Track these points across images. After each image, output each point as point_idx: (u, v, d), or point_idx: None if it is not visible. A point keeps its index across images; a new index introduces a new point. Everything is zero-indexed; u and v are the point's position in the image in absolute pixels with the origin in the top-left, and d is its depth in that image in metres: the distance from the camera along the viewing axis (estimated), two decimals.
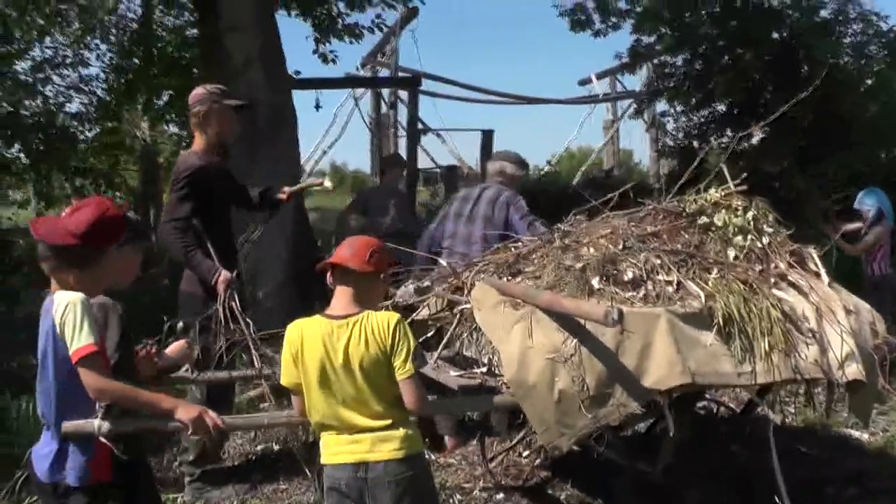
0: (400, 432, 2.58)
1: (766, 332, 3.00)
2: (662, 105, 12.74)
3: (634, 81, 18.54)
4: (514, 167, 4.97)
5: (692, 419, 3.56)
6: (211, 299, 3.75)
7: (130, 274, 2.74)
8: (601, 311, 2.65)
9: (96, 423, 2.53)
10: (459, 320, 3.53)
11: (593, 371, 2.85)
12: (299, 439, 4.64)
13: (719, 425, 4.11)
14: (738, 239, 3.39)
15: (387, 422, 2.57)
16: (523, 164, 5.14)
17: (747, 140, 10.38)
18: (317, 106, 11.93)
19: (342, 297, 2.64)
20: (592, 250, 3.37)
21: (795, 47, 10.09)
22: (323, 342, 2.56)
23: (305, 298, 5.95)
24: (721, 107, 11.27)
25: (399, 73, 17.01)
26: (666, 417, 2.95)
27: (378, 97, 19.06)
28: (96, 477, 2.54)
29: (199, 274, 3.95)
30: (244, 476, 4.38)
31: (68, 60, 10.52)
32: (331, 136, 20.17)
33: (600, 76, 20.51)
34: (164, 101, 10.29)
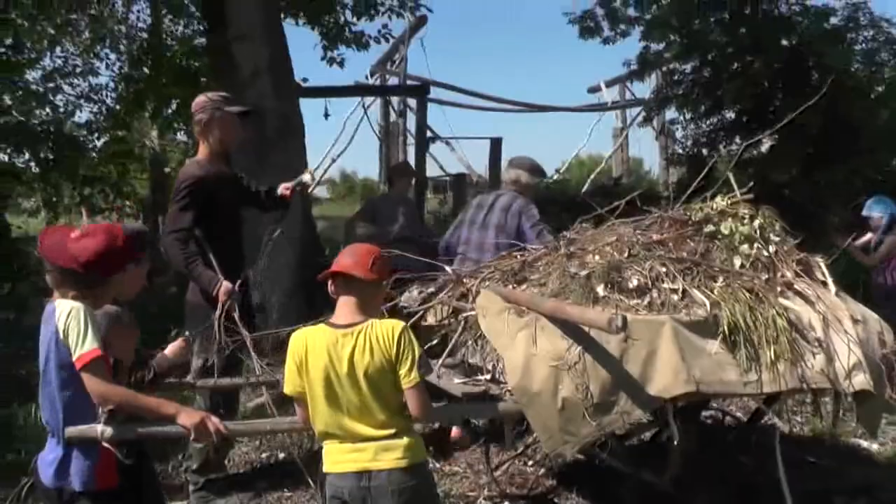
0: (403, 441, 2.57)
1: (772, 341, 2.98)
2: (672, 113, 12.73)
3: (644, 89, 18.54)
4: (529, 176, 4.97)
5: (698, 428, 3.53)
6: (214, 310, 3.75)
7: (135, 288, 2.75)
8: (605, 319, 2.64)
9: (99, 429, 2.54)
10: (464, 327, 3.53)
11: (597, 379, 2.84)
12: (304, 447, 4.64)
13: (725, 434, 4.08)
14: (745, 247, 3.37)
15: (390, 431, 2.56)
16: (539, 172, 5.14)
17: (756, 148, 10.37)
18: (326, 114, 12.00)
19: (346, 306, 2.63)
20: (598, 258, 3.36)
21: (805, 55, 10.06)
22: (327, 351, 2.56)
23: (313, 306, 5.95)
24: (730, 114, 11.23)
25: (408, 82, 17.06)
26: (670, 426, 2.93)
27: (387, 105, 19.13)
28: (101, 482, 2.56)
29: (201, 285, 3.95)
30: (249, 484, 4.38)
31: (78, 70, 10.61)
32: (340, 145, 20.22)
33: (610, 84, 20.53)
34: (172, 110, 10.35)
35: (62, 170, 8.66)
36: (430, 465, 4.36)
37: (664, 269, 3.20)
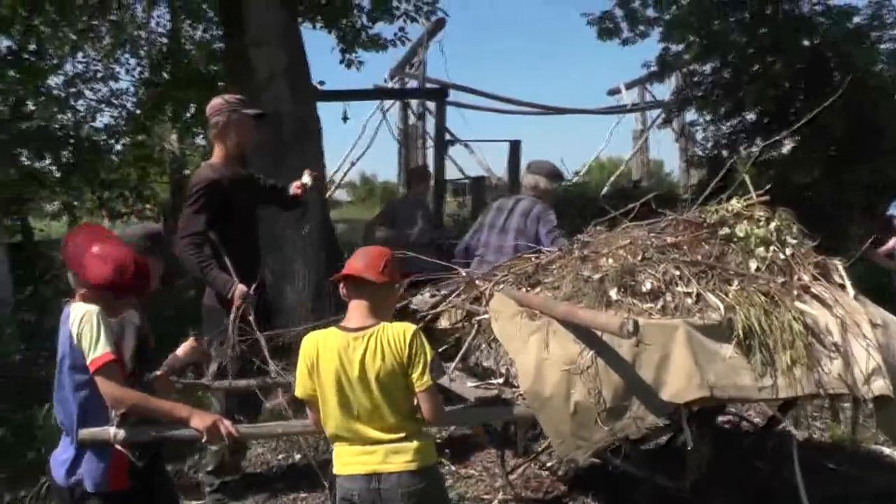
0: (413, 444, 2.56)
1: (788, 346, 2.95)
2: (692, 114, 12.63)
3: (664, 91, 18.44)
4: (548, 181, 4.96)
5: (713, 433, 3.49)
6: (230, 313, 3.77)
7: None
8: (616, 323, 2.62)
9: (112, 431, 2.57)
10: (478, 331, 3.52)
11: (610, 383, 2.82)
12: (320, 449, 4.65)
13: (742, 440, 4.04)
14: (761, 250, 3.33)
15: (400, 434, 2.56)
16: (558, 176, 5.13)
17: (778, 149, 10.25)
18: (344, 118, 12.02)
19: (357, 309, 2.63)
20: (611, 261, 3.34)
21: (827, 55, 9.94)
22: (338, 355, 2.56)
23: (331, 309, 5.96)
24: (751, 116, 11.12)
25: (427, 85, 17.09)
26: (685, 431, 2.90)
27: (406, 109, 19.17)
28: (113, 484, 2.59)
29: (216, 288, 3.97)
30: (264, 486, 4.39)
31: (99, 75, 10.72)
32: (359, 148, 20.33)
33: (629, 86, 20.44)
34: (191, 114, 10.43)
35: (82, 173, 8.75)
36: (447, 468, 4.38)
37: (678, 273, 3.17)
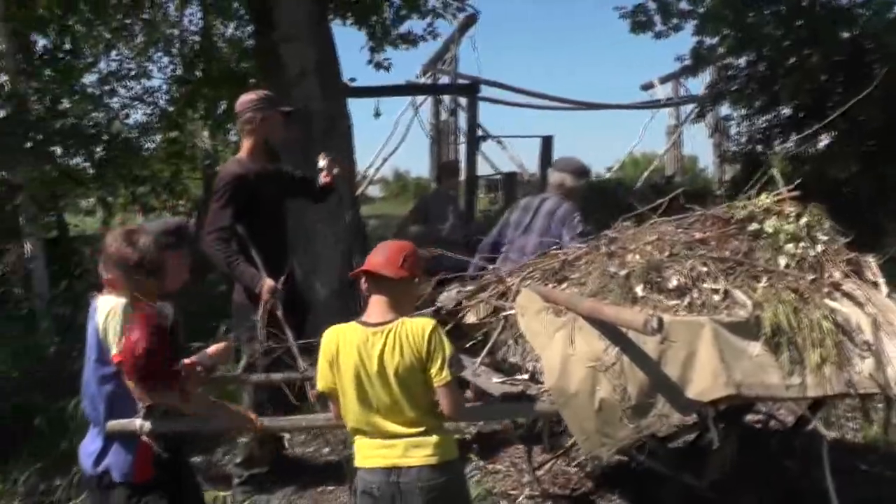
0: (433, 439, 2.57)
1: (818, 344, 2.88)
2: (726, 109, 12.45)
3: (698, 86, 18.21)
4: (574, 179, 4.84)
5: (741, 431, 3.44)
6: (258, 307, 3.80)
7: (178, 281, 2.81)
8: (641, 319, 2.59)
9: (138, 423, 2.61)
10: (504, 326, 3.51)
11: (635, 380, 2.79)
12: (348, 443, 4.66)
13: (770, 439, 3.97)
14: (790, 246, 3.26)
15: (420, 429, 2.56)
16: (584, 173, 5.01)
17: (814, 144, 10.07)
18: (376, 114, 12.07)
19: (377, 305, 2.64)
20: (638, 257, 3.30)
21: (867, 46, 9.70)
22: (358, 350, 2.57)
23: (358, 305, 5.99)
24: (786, 110, 10.91)
25: (459, 80, 17.07)
26: (710, 429, 2.87)
27: (438, 104, 19.16)
28: (139, 475, 2.63)
29: (243, 283, 4.00)
30: (292, 479, 4.42)
31: (132, 72, 10.87)
32: (392, 144, 20.37)
33: (663, 80, 20.22)
34: (222, 111, 10.52)
35: (115, 169, 8.88)
36: (474, 463, 4.37)
37: (705, 269, 3.12)
